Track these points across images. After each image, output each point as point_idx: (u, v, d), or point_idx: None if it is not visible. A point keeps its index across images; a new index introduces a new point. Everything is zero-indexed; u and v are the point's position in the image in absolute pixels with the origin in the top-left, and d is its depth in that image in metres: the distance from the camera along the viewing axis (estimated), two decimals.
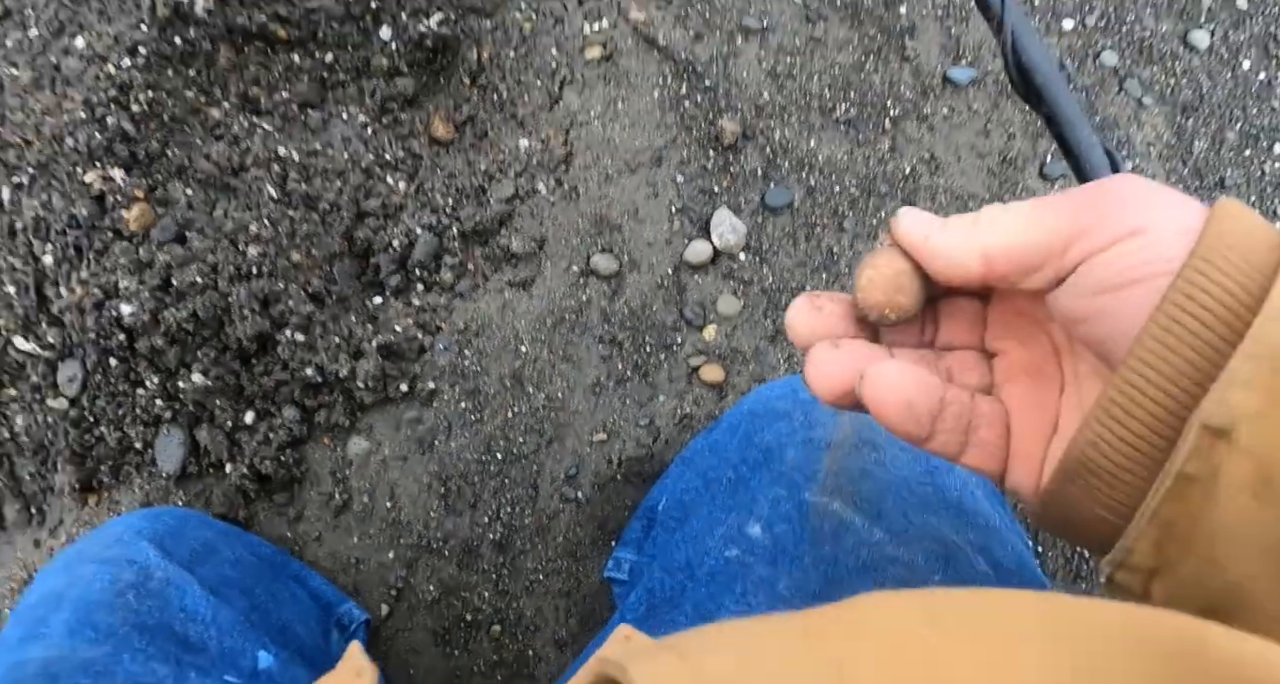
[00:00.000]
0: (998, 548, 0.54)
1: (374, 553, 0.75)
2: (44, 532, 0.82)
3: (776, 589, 0.50)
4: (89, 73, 0.78)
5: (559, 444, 0.76)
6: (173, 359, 0.74)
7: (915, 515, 0.53)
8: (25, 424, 0.78)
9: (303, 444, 0.77)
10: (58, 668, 0.56)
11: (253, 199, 0.80)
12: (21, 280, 0.76)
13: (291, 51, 0.90)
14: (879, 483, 0.54)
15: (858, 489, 0.54)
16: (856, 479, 0.55)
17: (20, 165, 0.76)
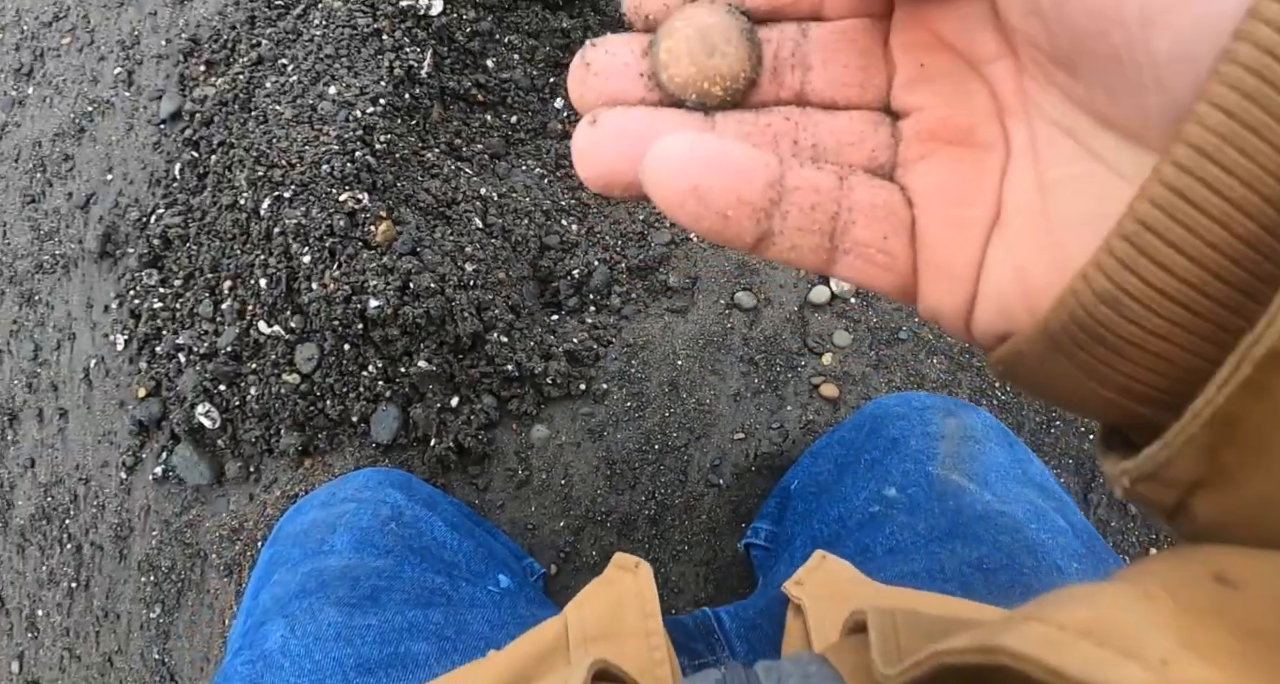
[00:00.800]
0: (1071, 513, 0.65)
1: (547, 521, 0.91)
2: (259, 488, 0.96)
3: (917, 530, 0.63)
4: (341, 115, 0.96)
5: (705, 440, 0.93)
6: (400, 348, 0.90)
7: (1013, 486, 0.65)
8: (257, 394, 0.93)
9: (495, 427, 0.93)
10: (357, 572, 0.67)
11: (464, 227, 0.97)
12: (275, 274, 0.92)
13: (486, 112, 1.09)
14: (983, 465, 0.67)
15: (969, 467, 0.67)
16: (966, 461, 0.68)
17: (284, 183, 0.93)
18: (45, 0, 1.27)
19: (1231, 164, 0.17)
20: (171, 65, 1.15)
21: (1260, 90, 0.16)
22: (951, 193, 0.23)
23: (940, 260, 0.24)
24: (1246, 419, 0.17)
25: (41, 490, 1.12)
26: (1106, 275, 0.19)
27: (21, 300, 1.16)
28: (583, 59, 0.25)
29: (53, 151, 1.18)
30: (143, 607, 1.04)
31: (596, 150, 0.24)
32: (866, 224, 0.24)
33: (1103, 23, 0.18)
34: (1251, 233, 0.17)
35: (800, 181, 0.24)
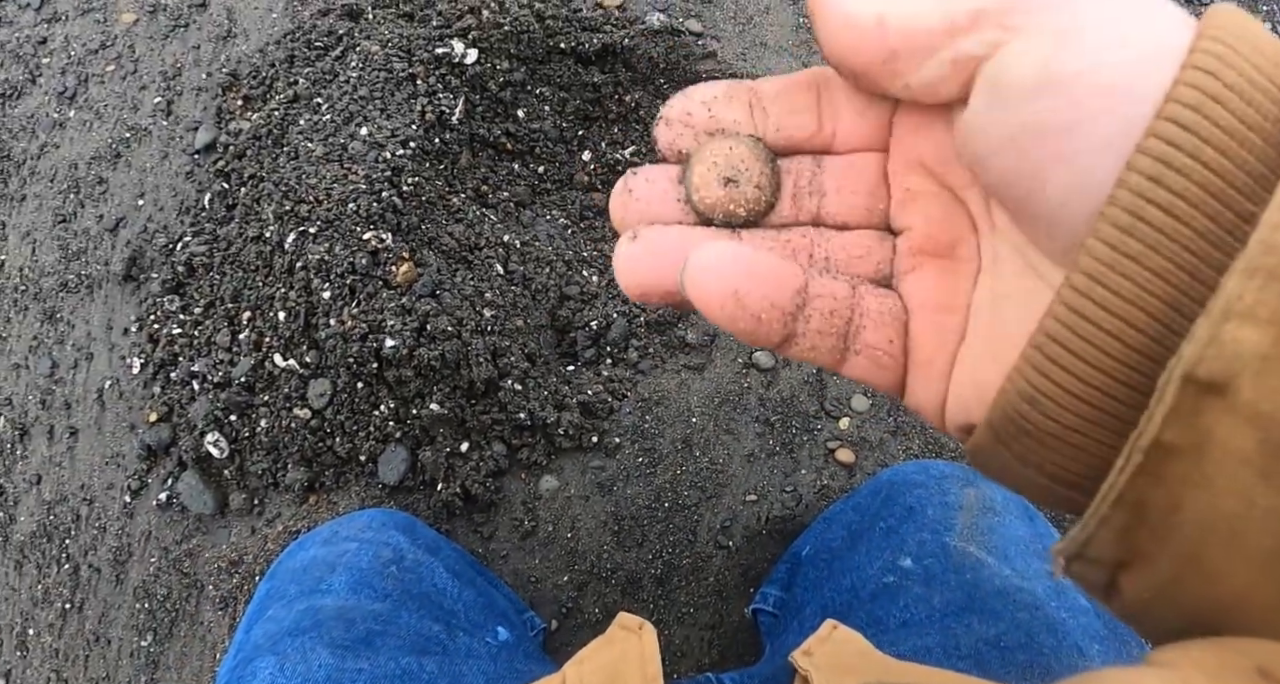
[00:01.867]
0: None
1: (551, 574, 0.89)
2: (261, 522, 0.95)
3: (932, 603, 0.61)
4: (370, 155, 0.97)
5: (717, 500, 0.91)
6: (412, 389, 0.90)
7: (1033, 561, 0.64)
8: (267, 426, 0.93)
9: (503, 475, 0.92)
10: (352, 614, 0.66)
11: (485, 273, 0.98)
12: (294, 308, 0.92)
13: (514, 161, 1.10)
14: (1002, 537, 0.66)
15: (987, 540, 0.66)
16: (985, 533, 0.66)
17: (310, 218, 0.93)
18: (94, 28, 1.30)
19: (1117, 286, 0.20)
20: (210, 98, 1.16)
21: (1135, 226, 0.20)
22: (937, 301, 0.27)
23: (925, 361, 0.27)
24: (1149, 502, 0.20)
25: (45, 508, 1.11)
26: (1025, 379, 0.22)
27: (44, 317, 1.17)
28: (625, 185, 0.29)
29: (88, 174, 1.20)
30: (135, 634, 1.03)
31: (637, 263, 0.27)
32: (875, 328, 0.27)
33: (1009, 177, 0.22)
34: (1141, 343, 0.20)
35: (821, 290, 0.27)
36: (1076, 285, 0.21)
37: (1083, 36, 0.21)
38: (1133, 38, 0.21)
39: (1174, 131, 0.19)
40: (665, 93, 1.15)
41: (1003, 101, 0.22)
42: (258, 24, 1.20)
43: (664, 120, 0.29)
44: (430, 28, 1.06)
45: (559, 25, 1.08)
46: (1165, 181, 0.19)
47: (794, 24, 1.19)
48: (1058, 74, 0.21)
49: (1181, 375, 0.18)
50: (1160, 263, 0.20)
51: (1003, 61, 0.22)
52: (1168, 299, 0.20)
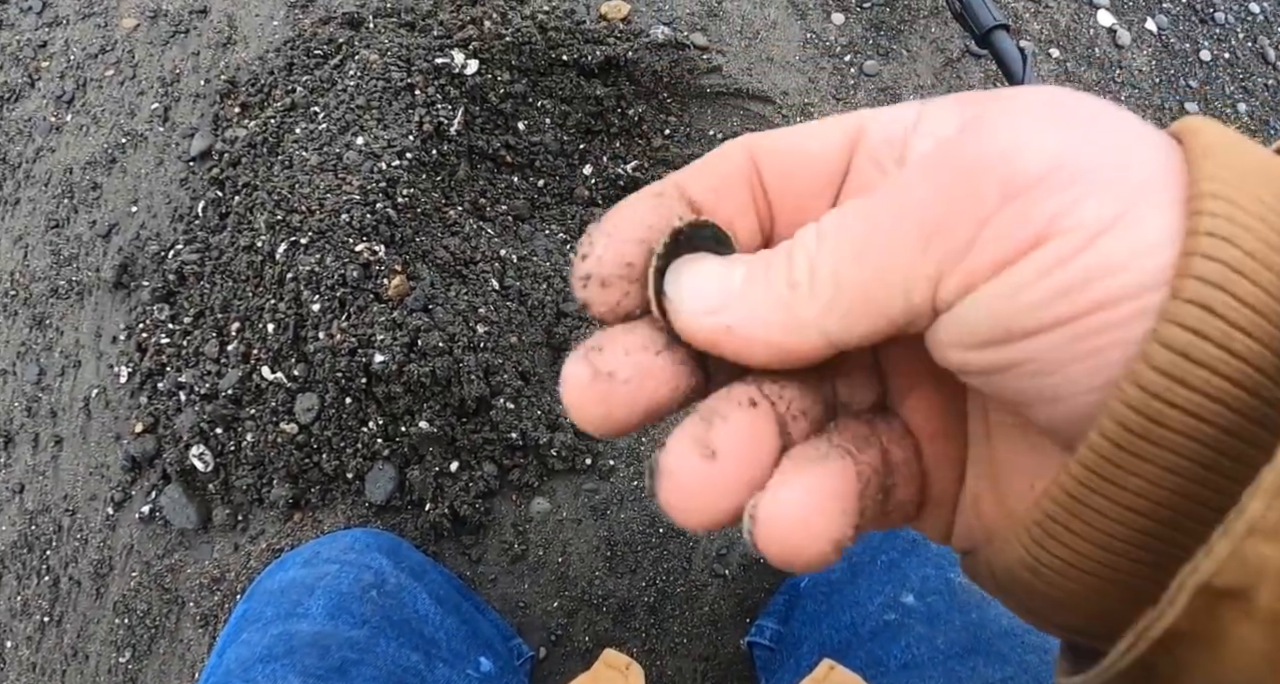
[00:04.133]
0: None
1: (540, 600, 0.86)
2: (244, 538, 0.92)
3: (935, 644, 0.59)
4: (366, 165, 0.95)
5: None
6: (402, 406, 0.87)
7: None
8: (253, 441, 0.90)
9: (493, 497, 0.89)
10: (328, 641, 0.64)
11: (480, 287, 0.95)
12: (283, 320, 0.90)
13: (513, 173, 1.08)
14: None
15: None
16: None
17: (303, 228, 0.91)
18: (95, 32, 1.28)
19: (1122, 482, 0.19)
20: (207, 105, 1.15)
21: (1146, 427, 0.18)
22: (941, 431, 0.25)
23: (938, 497, 0.25)
24: (1158, 668, 0.19)
25: (27, 518, 1.09)
26: (1025, 549, 0.21)
27: (33, 323, 1.15)
28: (591, 368, 0.22)
29: (82, 179, 1.18)
30: (113, 650, 1.01)
31: (710, 491, 0.22)
32: (904, 485, 0.24)
33: (1010, 398, 0.21)
34: (1148, 528, 0.19)
35: (868, 470, 0.23)
36: (1077, 476, 0.19)
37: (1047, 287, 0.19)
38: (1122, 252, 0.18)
39: (1196, 315, 0.17)
40: (669, 107, 1.13)
41: (985, 337, 0.20)
42: (258, 31, 1.18)
43: (596, 280, 0.23)
44: (431, 37, 1.04)
45: (561, 37, 1.06)
46: (1187, 379, 0.18)
47: (801, 39, 1.17)
48: (1014, 331, 0.19)
49: (1196, 585, 0.17)
50: (1173, 460, 0.18)
51: (981, 303, 0.20)
52: (1181, 491, 0.19)
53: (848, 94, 1.16)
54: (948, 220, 0.19)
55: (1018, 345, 0.19)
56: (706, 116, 1.13)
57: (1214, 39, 1.33)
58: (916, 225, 0.20)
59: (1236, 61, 1.32)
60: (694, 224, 0.23)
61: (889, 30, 1.19)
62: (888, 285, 0.20)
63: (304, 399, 0.89)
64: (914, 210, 0.20)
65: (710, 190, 0.24)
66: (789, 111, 1.13)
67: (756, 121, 1.12)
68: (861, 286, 0.20)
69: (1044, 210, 0.19)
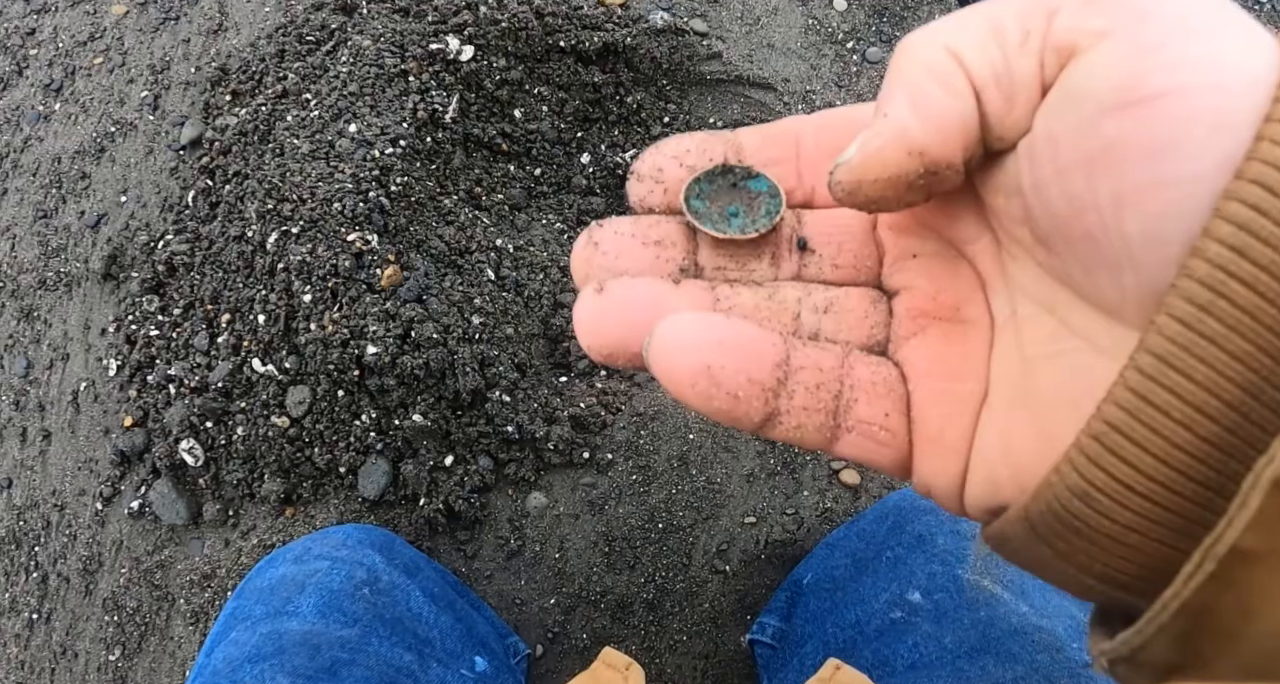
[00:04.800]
0: None
1: (537, 597, 0.85)
2: (235, 534, 0.91)
3: (943, 643, 0.58)
4: (358, 153, 0.93)
5: (713, 521, 0.87)
6: (395, 399, 0.85)
7: (1053, 598, 0.60)
8: (244, 434, 0.88)
9: (489, 491, 0.87)
10: (318, 640, 0.63)
11: (475, 277, 0.93)
12: (274, 311, 0.88)
13: (509, 162, 1.06)
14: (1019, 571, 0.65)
15: (1003, 572, 0.62)
16: (1001, 565, 0.63)
17: (293, 218, 0.89)
18: (84, 20, 1.26)
19: (1190, 370, 0.18)
20: (198, 93, 1.13)
21: (1214, 304, 0.17)
22: (943, 369, 0.24)
23: (934, 435, 0.24)
24: (1215, 609, 0.18)
25: (15, 513, 1.07)
26: (1078, 472, 0.19)
27: (20, 315, 1.13)
28: (589, 238, 0.26)
29: (71, 169, 1.16)
30: (103, 647, 0.99)
31: (601, 320, 0.24)
32: (868, 402, 0.24)
33: (1079, 205, 0.20)
34: (1213, 433, 0.18)
35: (805, 361, 0.24)
36: (1143, 367, 0.18)
37: (1171, 50, 0.18)
38: (1229, 56, 0.18)
39: (1259, 195, 0.17)
40: (668, 94, 1.11)
41: (1081, 116, 0.19)
42: (249, 17, 1.16)
43: (635, 175, 0.27)
44: (425, 23, 1.02)
45: (559, 23, 1.04)
46: (1250, 254, 0.17)
47: (803, 25, 1.15)
48: (1146, 90, 0.18)
49: (1272, 479, 0.16)
50: (1240, 346, 0.17)
51: (1082, 71, 0.19)
52: (1247, 386, 0.18)
53: (850, 81, 1.14)
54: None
55: (1134, 112, 0.18)
56: (706, 104, 1.11)
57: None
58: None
59: None
60: (747, 167, 0.27)
61: (892, 17, 1.17)
62: (1005, 17, 0.21)
63: (295, 392, 0.87)
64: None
65: (760, 137, 0.27)
66: (790, 99, 1.11)
67: (757, 109, 1.10)
68: (982, 18, 0.21)
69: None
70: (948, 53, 0.21)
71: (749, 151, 0.27)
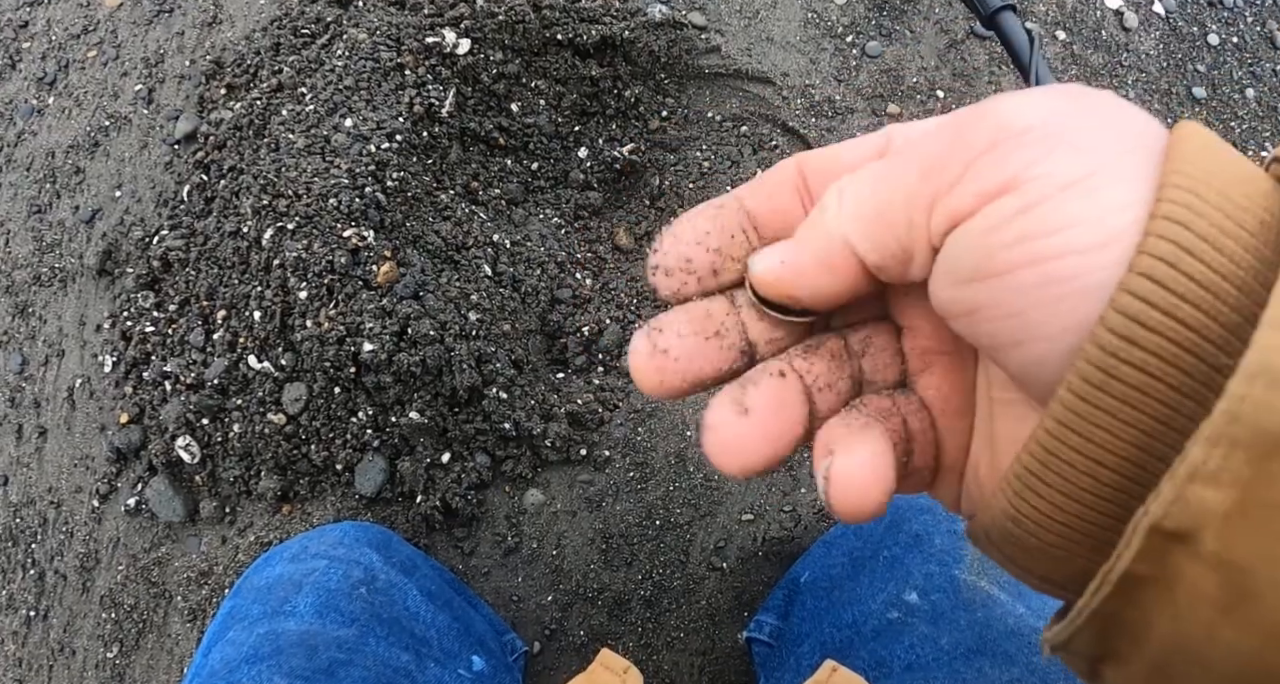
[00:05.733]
0: None
1: (534, 594, 0.84)
2: (232, 531, 0.90)
3: (940, 644, 0.58)
4: (354, 148, 0.92)
5: (711, 519, 0.87)
6: (392, 396, 0.85)
7: (1049, 599, 0.63)
8: (240, 431, 0.88)
9: (486, 488, 0.87)
10: (315, 641, 0.62)
11: (472, 273, 0.93)
12: (270, 308, 0.87)
13: (506, 156, 1.05)
14: None
15: (1000, 573, 0.62)
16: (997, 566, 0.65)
17: (289, 213, 0.89)
18: (77, 12, 1.25)
19: (1089, 433, 0.21)
20: (193, 86, 1.12)
21: (1107, 383, 0.20)
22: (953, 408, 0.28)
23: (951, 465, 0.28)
24: (1121, 617, 0.21)
25: (11, 510, 1.07)
26: (1008, 500, 0.23)
27: (15, 311, 1.13)
28: (652, 345, 0.27)
29: (65, 163, 1.15)
30: (100, 645, 0.99)
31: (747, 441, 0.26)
32: (921, 451, 0.28)
33: (972, 339, 0.24)
34: (1113, 480, 0.21)
35: (895, 437, 0.27)
36: (1049, 430, 0.22)
37: (1023, 222, 0.21)
38: (1087, 212, 0.21)
39: (1148, 287, 0.20)
40: (666, 88, 1.10)
41: (956, 282, 0.23)
42: (244, 10, 1.15)
43: (661, 270, 0.28)
44: (421, 16, 1.01)
45: (556, 16, 1.03)
46: (1138, 341, 0.20)
47: (801, 19, 1.14)
48: (994, 267, 0.22)
49: (1147, 527, 0.19)
50: (1132, 415, 0.20)
51: (951, 245, 0.23)
52: (1141, 445, 0.21)
53: (849, 75, 1.13)
54: (942, 160, 0.23)
55: (989, 284, 0.22)
56: (705, 98, 1.10)
57: (1222, 23, 1.30)
58: (918, 164, 0.23)
59: (1245, 45, 1.29)
60: None
61: (892, 10, 1.16)
62: (894, 205, 0.24)
63: (292, 389, 0.86)
64: (918, 156, 0.24)
65: (765, 198, 0.28)
66: (789, 93, 1.10)
67: (756, 103, 1.10)
68: (875, 204, 0.24)
69: (1020, 159, 0.22)
70: (844, 244, 0.25)
71: (760, 218, 0.28)
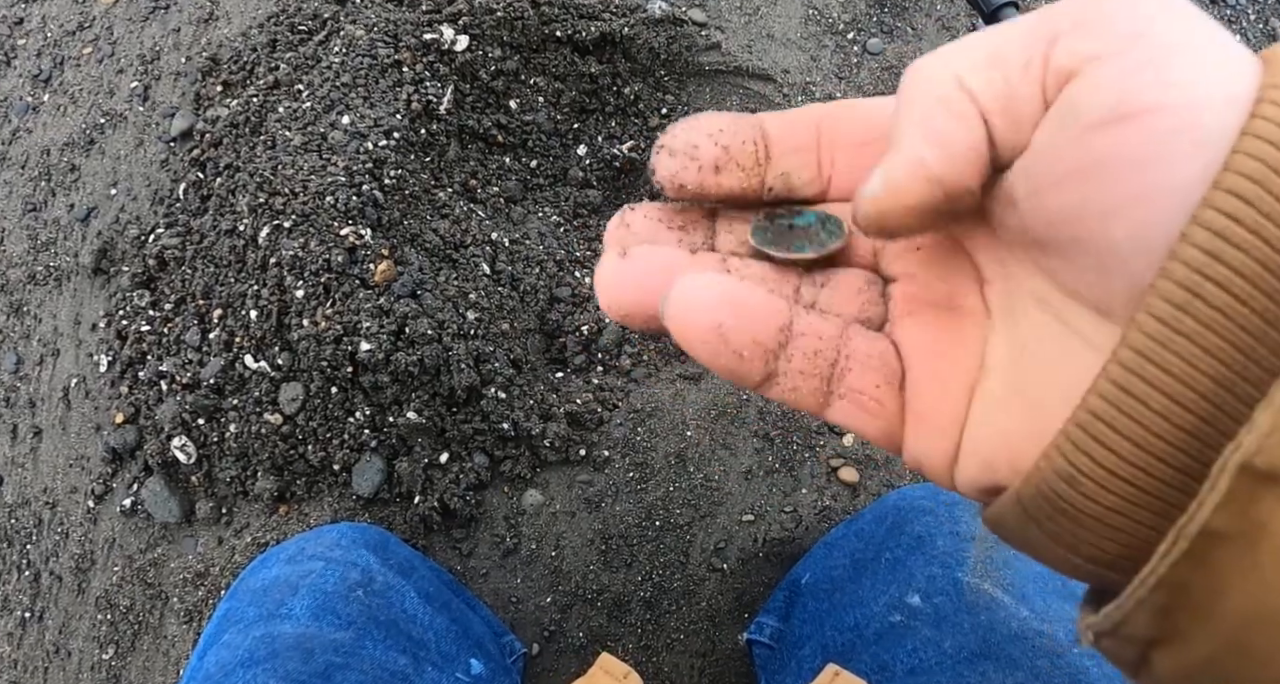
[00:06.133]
0: None
1: (533, 595, 0.84)
2: (229, 532, 0.90)
3: (943, 647, 0.57)
4: (351, 146, 0.91)
5: (711, 519, 0.86)
6: (389, 396, 0.84)
7: (1054, 601, 0.60)
8: (236, 432, 0.87)
9: (485, 489, 0.86)
10: (311, 644, 0.62)
11: (470, 272, 0.92)
12: (266, 307, 0.86)
13: (505, 154, 1.04)
14: (1020, 574, 0.61)
15: (1003, 575, 0.61)
16: (1001, 567, 0.63)
17: (285, 212, 0.88)
18: (72, 9, 1.24)
19: (1167, 364, 0.19)
20: (189, 83, 1.11)
21: (1190, 303, 0.19)
22: (937, 349, 0.26)
23: (926, 412, 0.25)
24: (1189, 586, 0.19)
25: (6, 511, 1.06)
26: (1065, 457, 0.21)
27: (10, 310, 1.12)
28: (622, 219, 0.28)
29: (60, 161, 1.15)
30: (96, 646, 0.98)
31: (622, 280, 0.26)
32: (861, 372, 0.26)
33: (1072, 214, 0.21)
34: (1189, 422, 0.19)
35: (806, 328, 0.25)
36: (1124, 361, 0.20)
37: (1157, 71, 0.20)
38: (1210, 76, 0.20)
39: (1234, 204, 0.18)
40: (666, 85, 1.09)
41: (1073, 132, 0.21)
42: (240, 6, 1.14)
43: (666, 150, 0.27)
44: (419, 12, 1.00)
45: (555, 12, 1.02)
46: (1224, 257, 0.19)
47: (802, 15, 1.13)
48: (1134, 105, 0.20)
49: (1238, 464, 0.18)
50: (1214, 341, 0.19)
51: (1076, 90, 0.21)
52: (1219, 379, 0.19)
53: (850, 73, 1.12)
54: (1062, 8, 0.22)
55: (1122, 127, 0.20)
56: (705, 95, 1.10)
57: (1225, 20, 1.29)
58: (1035, 15, 0.22)
59: (1248, 43, 1.28)
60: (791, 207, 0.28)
61: (893, 7, 1.16)
62: (1011, 41, 0.22)
63: (288, 389, 0.86)
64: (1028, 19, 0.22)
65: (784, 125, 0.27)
66: (790, 90, 1.10)
67: (756, 100, 1.09)
68: (987, 46, 0.22)
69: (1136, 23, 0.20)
70: (956, 82, 0.22)
71: (774, 139, 0.27)
